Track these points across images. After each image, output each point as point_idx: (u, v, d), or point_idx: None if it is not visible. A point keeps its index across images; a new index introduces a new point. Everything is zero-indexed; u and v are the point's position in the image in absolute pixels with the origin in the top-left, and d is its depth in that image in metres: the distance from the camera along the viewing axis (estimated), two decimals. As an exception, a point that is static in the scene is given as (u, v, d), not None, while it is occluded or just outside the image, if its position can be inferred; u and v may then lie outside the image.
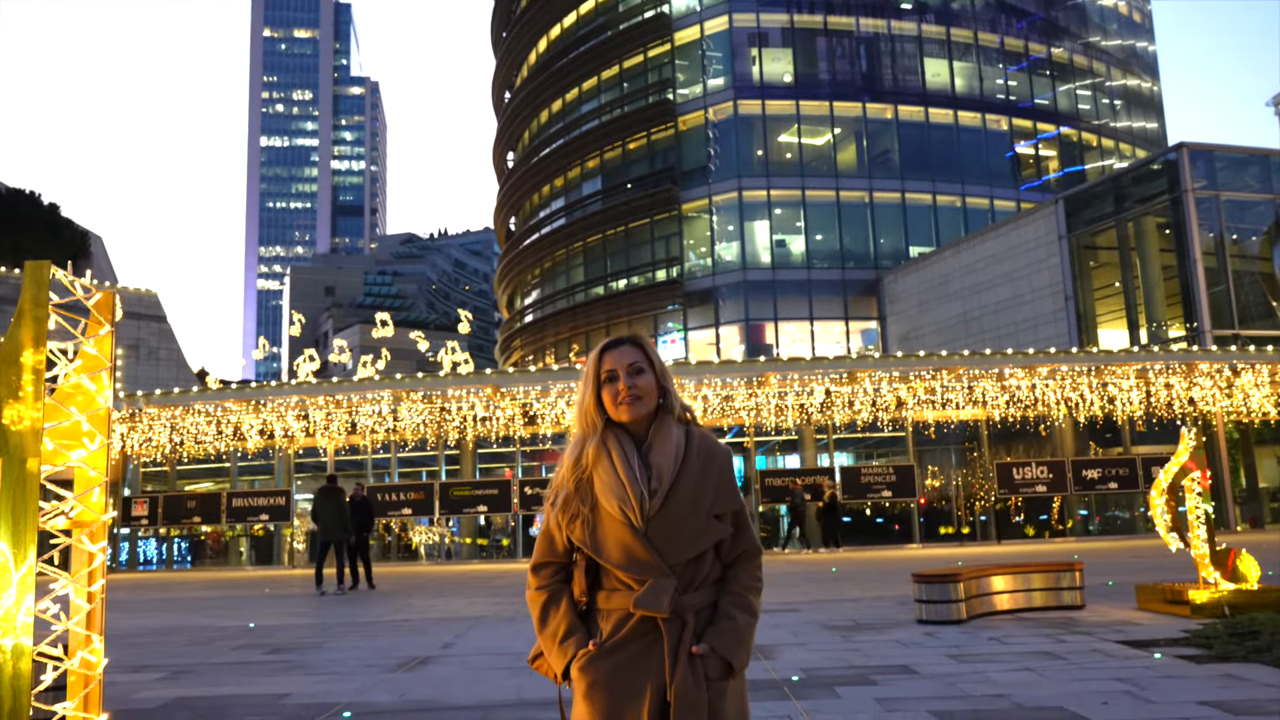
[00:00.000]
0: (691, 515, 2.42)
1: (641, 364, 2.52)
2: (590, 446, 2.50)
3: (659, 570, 2.39)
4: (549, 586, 2.53)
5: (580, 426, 2.57)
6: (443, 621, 11.64)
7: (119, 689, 7.50)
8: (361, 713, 6.36)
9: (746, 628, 2.45)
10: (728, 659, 2.39)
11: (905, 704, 6.05)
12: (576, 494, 2.48)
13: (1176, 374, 25.19)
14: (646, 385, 2.51)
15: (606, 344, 2.59)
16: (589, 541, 2.44)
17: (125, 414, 25.56)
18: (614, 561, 2.41)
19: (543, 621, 2.50)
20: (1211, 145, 32.09)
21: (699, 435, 2.55)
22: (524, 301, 58.04)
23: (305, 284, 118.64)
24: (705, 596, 2.46)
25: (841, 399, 24.99)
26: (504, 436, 25.54)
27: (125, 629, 12.07)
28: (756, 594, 2.53)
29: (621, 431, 2.52)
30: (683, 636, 2.37)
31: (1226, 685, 6.28)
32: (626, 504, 2.40)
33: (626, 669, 2.37)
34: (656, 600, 2.35)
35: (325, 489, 16.63)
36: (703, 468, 2.47)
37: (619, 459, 2.45)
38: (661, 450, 2.47)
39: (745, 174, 44.38)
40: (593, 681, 2.38)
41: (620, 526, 2.41)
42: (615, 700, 2.35)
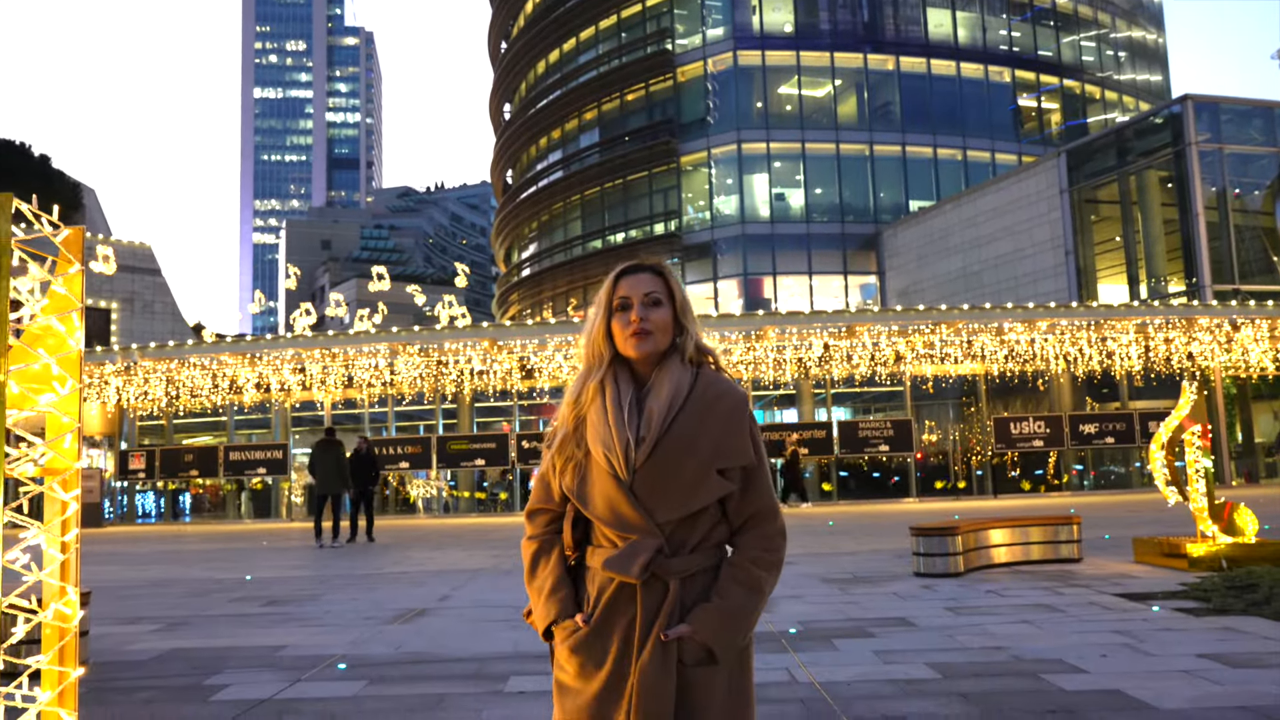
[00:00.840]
0: (685, 467, 2.13)
1: (659, 295, 2.25)
2: (590, 384, 2.25)
3: (644, 528, 2.12)
4: (541, 536, 2.31)
5: (586, 357, 2.32)
6: (440, 574, 11.64)
7: (113, 640, 7.48)
8: (357, 664, 6.31)
9: (743, 608, 2.13)
10: (707, 644, 2.09)
11: (903, 656, 6.02)
12: (574, 435, 2.24)
13: (1176, 329, 25.12)
14: (661, 320, 2.23)
15: (624, 268, 2.31)
16: (576, 490, 2.21)
17: (120, 367, 25.47)
18: (598, 515, 2.17)
19: (531, 573, 2.30)
20: (1216, 97, 31.81)
21: (709, 378, 2.25)
22: (521, 255, 57.76)
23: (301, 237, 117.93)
24: (702, 560, 2.17)
25: (840, 353, 24.93)
26: (501, 390, 25.50)
27: (122, 581, 12.08)
28: (768, 567, 2.19)
29: (625, 370, 2.27)
30: (662, 607, 2.11)
31: (1225, 638, 6.26)
32: (611, 451, 2.14)
33: (604, 647, 2.13)
34: (627, 563, 2.10)
35: (323, 442, 16.55)
36: (704, 413, 2.17)
37: (612, 401, 2.19)
38: (657, 394, 2.20)
39: (744, 126, 43.93)
40: (571, 658, 2.17)
41: (606, 476, 2.15)
42: (589, 681, 2.13)
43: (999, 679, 5.34)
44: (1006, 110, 46.18)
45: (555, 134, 53.34)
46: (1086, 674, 5.40)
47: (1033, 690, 5.09)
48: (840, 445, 25.28)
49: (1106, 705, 4.75)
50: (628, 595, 2.13)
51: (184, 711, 5.23)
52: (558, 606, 2.20)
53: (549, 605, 2.21)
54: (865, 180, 44.44)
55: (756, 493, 2.21)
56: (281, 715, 5.06)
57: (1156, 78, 51.62)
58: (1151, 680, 5.20)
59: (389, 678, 5.89)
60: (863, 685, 5.31)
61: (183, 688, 5.79)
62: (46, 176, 40.10)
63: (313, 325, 26.17)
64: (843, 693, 5.15)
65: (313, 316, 26.30)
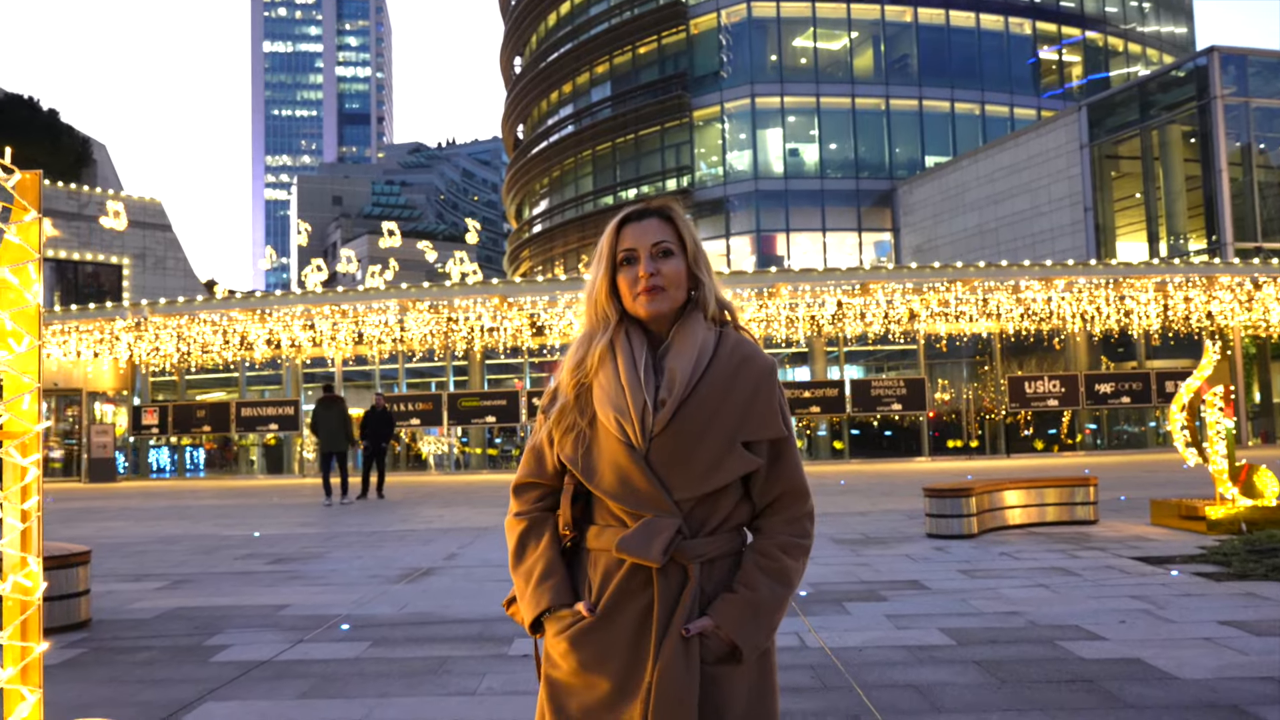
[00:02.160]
0: (708, 437, 1.88)
1: (670, 244, 1.97)
2: (598, 346, 1.97)
3: (660, 505, 1.87)
4: (530, 513, 2.03)
5: (588, 319, 2.04)
6: (448, 532, 11.60)
7: (117, 598, 7.47)
8: (360, 625, 6.26)
9: (771, 600, 1.89)
10: (733, 640, 1.85)
11: (916, 621, 5.91)
12: (575, 403, 1.97)
13: (1196, 287, 24.76)
14: (673, 273, 1.96)
15: (627, 214, 2.03)
16: (579, 461, 1.93)
17: (131, 323, 25.45)
18: (606, 489, 1.90)
19: (518, 556, 2.01)
20: (1243, 49, 31.09)
21: (734, 339, 1.99)
22: (532, 211, 57.44)
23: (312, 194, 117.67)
24: (723, 544, 1.92)
25: (853, 311, 24.68)
26: (512, 348, 25.39)
27: (129, 537, 12.14)
28: (798, 555, 1.95)
29: (637, 329, 2.00)
30: (681, 595, 1.86)
31: (1247, 604, 6.12)
32: (625, 416, 1.88)
33: (614, 638, 1.87)
34: (646, 544, 1.84)
35: (325, 399, 16.48)
36: (731, 378, 1.91)
37: (624, 361, 1.93)
38: (680, 352, 1.93)
39: (759, 80, 43.31)
40: (570, 653, 1.90)
41: (617, 445, 1.89)
42: (594, 680, 1.88)
43: (1014, 646, 5.22)
44: (1026, 63, 45.33)
45: (566, 88, 52.76)
46: (1105, 641, 5.27)
47: (1049, 659, 4.95)
48: (853, 404, 25.12)
49: (1126, 675, 4.62)
50: (641, 581, 1.88)
51: (183, 672, 5.19)
52: (550, 593, 1.93)
53: (540, 592, 1.94)
54: (881, 135, 43.81)
55: (785, 470, 1.97)
56: (281, 677, 5.02)
57: (1181, 30, 50.56)
58: (1172, 648, 5.07)
59: (392, 639, 5.83)
60: (874, 651, 5.20)
61: (184, 648, 5.77)
62: (55, 131, 39.85)
63: (324, 281, 26.02)
64: (854, 659, 5.05)
65: (324, 273, 26.16)
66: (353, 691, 4.74)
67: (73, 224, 32.23)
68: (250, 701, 4.60)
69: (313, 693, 4.74)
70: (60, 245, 31.78)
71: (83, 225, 32.36)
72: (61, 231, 31.54)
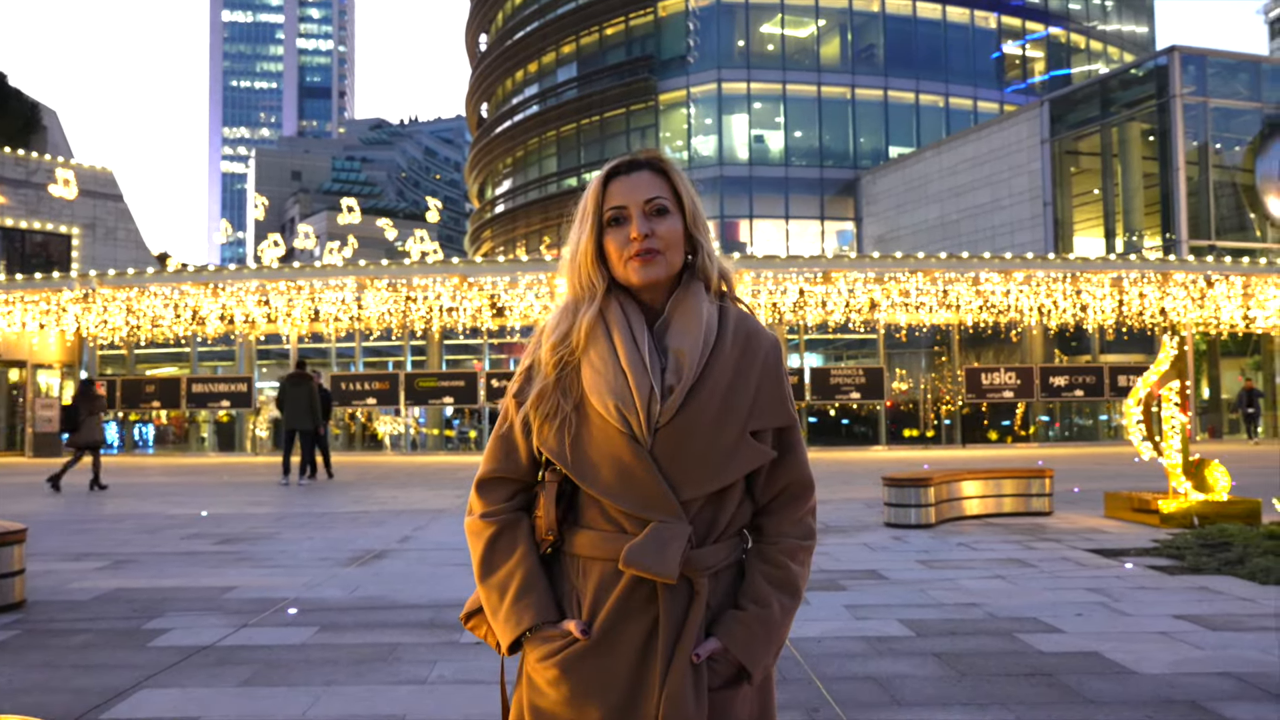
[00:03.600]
0: (720, 427, 1.66)
1: (665, 201, 1.73)
2: (585, 318, 1.72)
3: (666, 507, 1.63)
4: (500, 515, 1.76)
5: (571, 287, 1.78)
6: (403, 514, 11.48)
7: (55, 578, 7.28)
8: (308, 609, 6.14)
9: (781, 617, 1.69)
10: (743, 663, 1.66)
11: (875, 611, 5.91)
12: (557, 385, 1.71)
13: (1151, 283, 25.14)
14: (670, 234, 1.72)
15: (614, 166, 1.78)
16: (567, 455, 1.67)
17: (79, 294, 24.91)
18: (603, 488, 1.66)
19: (487, 567, 1.73)
20: (1203, 50, 31.55)
21: (737, 314, 1.77)
22: (495, 191, 57.02)
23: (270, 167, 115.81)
24: (728, 552, 1.71)
25: (815, 299, 24.74)
26: (472, 328, 25.16)
27: (72, 515, 11.90)
28: (804, 558, 1.75)
29: (631, 300, 1.76)
30: (688, 615, 1.65)
31: (1201, 598, 6.22)
32: (627, 404, 1.64)
33: (613, 664, 1.64)
34: (659, 557, 1.60)
35: (293, 376, 16.16)
36: (741, 359, 1.71)
37: (622, 339, 1.69)
38: (684, 329, 1.70)
39: (725, 65, 43.26)
40: (561, 680, 1.65)
41: (616, 437, 1.65)
42: (587, 711, 1.64)
43: (973, 638, 5.24)
44: (990, 57, 45.73)
45: (532, 67, 52.36)
46: (1062, 634, 5.30)
47: (1008, 651, 4.98)
48: (812, 392, 25.20)
49: (1085, 669, 4.63)
50: (643, 597, 1.65)
51: (120, 657, 5.05)
52: (534, 609, 1.68)
53: (520, 609, 1.68)
54: (846, 124, 43.97)
55: (793, 461, 1.76)
56: (223, 664, 4.88)
57: (1142, 29, 51.19)
58: (1129, 642, 5.11)
59: (340, 624, 5.73)
60: (834, 643, 5.19)
61: (122, 631, 5.63)
62: (3, 95, 38.62)
63: (281, 257, 25.67)
64: (813, 650, 5.03)
65: (281, 248, 25.80)
66: (298, 679, 4.61)
67: (20, 191, 31.38)
68: (189, 689, 4.47)
69: (255, 680, 4.61)
70: (6, 213, 30.90)
71: (30, 193, 31.52)
72: (8, 199, 30.69)
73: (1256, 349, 28.24)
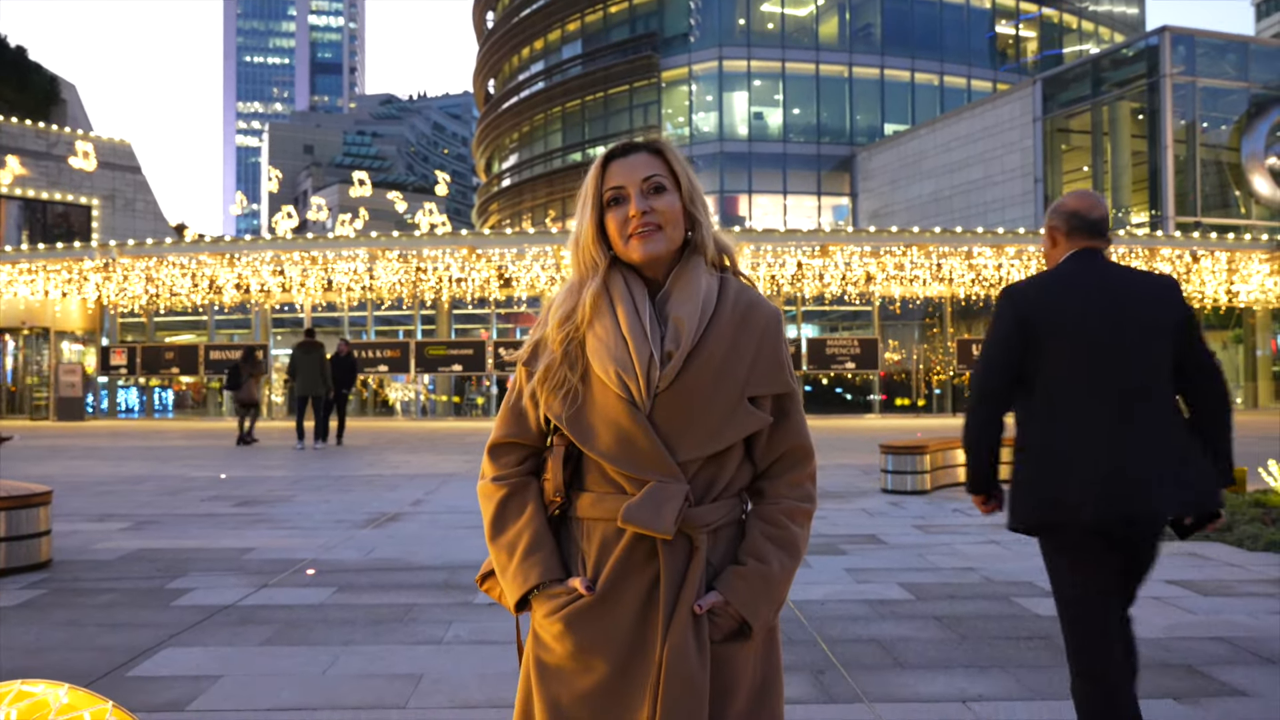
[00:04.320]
0: (717, 393, 1.72)
1: (662, 179, 1.79)
2: (589, 293, 1.78)
3: (663, 468, 1.70)
4: (511, 479, 1.84)
5: (575, 267, 1.85)
6: (415, 478, 11.64)
7: (80, 539, 7.43)
8: (326, 570, 6.24)
9: (781, 573, 1.75)
10: (744, 617, 1.71)
11: (875, 575, 6.02)
12: (565, 359, 1.77)
13: (1138, 259, 25.80)
14: (668, 210, 1.78)
15: (612, 150, 1.85)
16: (570, 421, 1.75)
17: (99, 263, 25.71)
18: (603, 451, 1.72)
19: (497, 527, 1.81)
20: (1193, 30, 32.09)
21: (736, 286, 1.83)
22: (502, 165, 57.53)
23: (284, 141, 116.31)
24: (727, 510, 1.77)
25: (812, 272, 25.50)
26: (480, 298, 25.96)
27: (96, 477, 12.00)
28: (803, 520, 1.81)
29: (632, 274, 1.82)
30: (689, 570, 1.71)
31: (1191, 564, 6.31)
32: (628, 370, 1.70)
33: (616, 618, 1.71)
34: (655, 514, 1.67)
35: (304, 344, 16.58)
36: (739, 328, 1.76)
37: (624, 310, 1.75)
38: (683, 300, 1.76)
39: (726, 43, 43.75)
40: (566, 635, 1.72)
41: (617, 402, 1.71)
42: (593, 663, 1.71)
43: (972, 602, 5.34)
44: (984, 37, 46.16)
45: (538, 44, 52.76)
46: None
47: (1006, 615, 5.07)
48: (808, 361, 26.03)
49: None
50: (644, 554, 1.71)
51: (144, 616, 5.10)
52: (540, 567, 1.75)
53: (527, 567, 1.76)
54: (843, 102, 44.53)
55: (791, 428, 1.82)
56: (244, 623, 4.95)
57: (1133, 10, 51.55)
58: None
59: (357, 585, 5.80)
60: (837, 605, 5.29)
61: (145, 590, 5.70)
62: (23, 69, 39.30)
63: (294, 229, 26.42)
64: (816, 612, 5.12)
65: (294, 220, 26.57)
66: (317, 638, 4.64)
67: (41, 163, 32.20)
68: (212, 647, 4.51)
69: (276, 639, 4.64)
70: (29, 184, 31.74)
71: (51, 165, 32.34)
72: (30, 171, 31.50)
73: (1239, 323, 29.02)
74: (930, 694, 3.88)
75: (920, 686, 3.96)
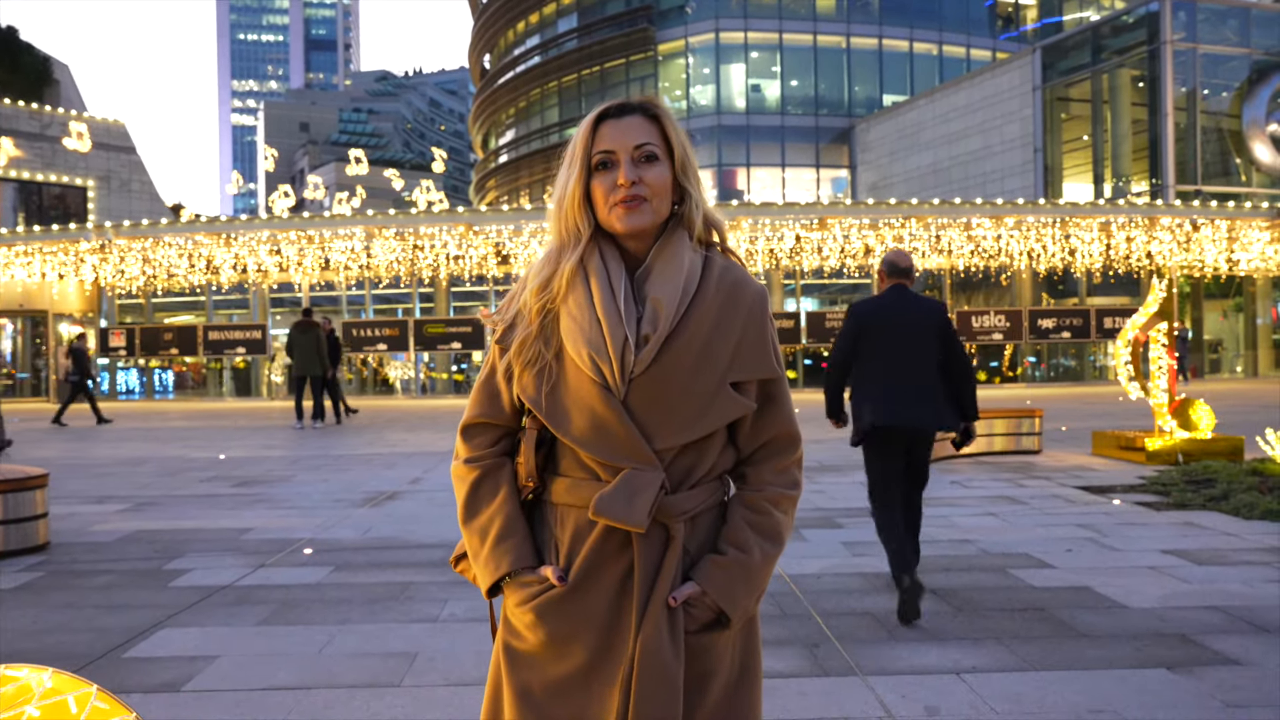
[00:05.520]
0: (697, 378, 1.64)
1: (654, 147, 1.69)
2: (567, 264, 1.70)
3: (639, 456, 1.63)
4: (483, 460, 1.77)
5: (556, 232, 1.76)
6: (413, 456, 11.71)
7: (78, 520, 7.48)
8: (323, 549, 6.28)
9: (762, 562, 1.68)
10: (722, 608, 1.65)
11: (871, 548, 5.99)
12: (540, 333, 1.70)
13: (1139, 228, 25.71)
14: (658, 181, 1.68)
15: (605, 109, 1.74)
16: (542, 403, 1.67)
17: (96, 245, 25.65)
18: (576, 436, 1.65)
19: (470, 509, 1.76)
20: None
21: (721, 263, 1.74)
22: (499, 141, 57.33)
23: (279, 120, 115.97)
24: (706, 496, 1.70)
25: (810, 245, 25.43)
26: (477, 275, 25.92)
27: (94, 458, 12.08)
28: (787, 506, 1.74)
29: (613, 247, 1.72)
30: (665, 559, 1.65)
31: (1187, 534, 6.37)
32: (601, 353, 1.62)
33: (589, 609, 1.65)
34: (627, 505, 1.60)
35: (300, 323, 16.58)
36: (722, 310, 1.68)
37: (599, 286, 1.67)
38: (663, 278, 1.67)
39: (723, 15, 43.46)
40: (538, 624, 1.67)
41: (590, 386, 1.63)
42: (564, 654, 1.67)
43: (968, 574, 5.38)
44: (983, 6, 45.84)
45: (533, 18, 52.43)
46: (1054, 569, 5.44)
47: (1002, 587, 5.09)
48: (807, 335, 26.03)
49: (1077, 603, 4.75)
50: (618, 543, 1.64)
51: (141, 597, 5.15)
52: (512, 554, 1.69)
53: (499, 553, 1.70)
54: (841, 73, 44.27)
55: (777, 413, 1.74)
56: (241, 603, 5.00)
57: (1134, -24, 51.17)
58: (1119, 577, 5.24)
59: (354, 564, 5.85)
60: (831, 579, 5.32)
61: (143, 572, 5.75)
62: (14, 49, 39.00)
63: (291, 207, 26.28)
64: (811, 586, 5.15)
65: (291, 199, 26.42)
66: (313, 618, 4.69)
67: (35, 144, 32.05)
68: (209, 628, 4.55)
69: (273, 619, 4.69)
70: (23, 166, 31.59)
71: (45, 146, 32.19)
72: (24, 152, 31.33)
73: (1239, 291, 28.96)
74: (924, 666, 3.89)
75: (914, 659, 3.98)
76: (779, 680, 3.74)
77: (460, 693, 3.67)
